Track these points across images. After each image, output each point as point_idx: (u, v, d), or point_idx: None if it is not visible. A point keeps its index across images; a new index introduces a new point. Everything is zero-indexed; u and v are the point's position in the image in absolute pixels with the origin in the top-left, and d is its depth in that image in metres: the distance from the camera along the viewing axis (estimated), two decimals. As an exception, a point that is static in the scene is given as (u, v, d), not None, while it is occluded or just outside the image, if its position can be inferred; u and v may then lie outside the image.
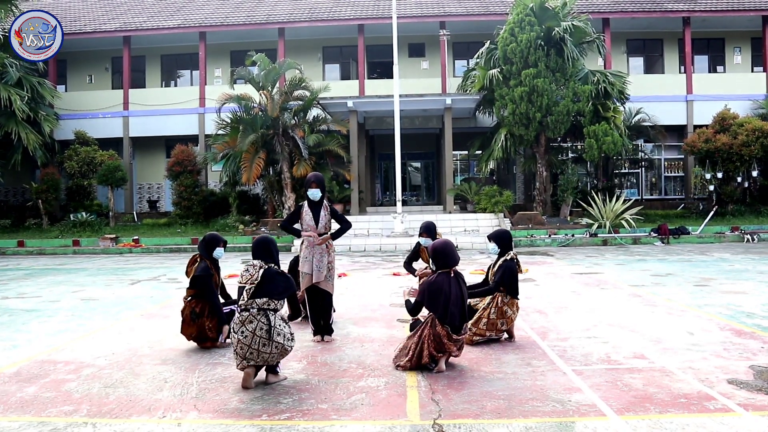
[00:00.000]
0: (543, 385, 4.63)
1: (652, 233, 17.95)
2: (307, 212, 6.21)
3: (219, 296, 6.13)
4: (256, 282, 4.72)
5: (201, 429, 3.91)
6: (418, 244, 6.99)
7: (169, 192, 24.23)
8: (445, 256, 5.04)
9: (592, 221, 18.60)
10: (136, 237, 19.31)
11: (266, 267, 4.80)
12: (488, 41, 21.39)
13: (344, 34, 24.63)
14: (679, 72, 24.56)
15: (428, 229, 6.72)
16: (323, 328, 6.25)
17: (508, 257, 5.96)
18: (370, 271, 12.41)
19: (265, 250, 4.92)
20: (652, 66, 25.69)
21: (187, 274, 6.12)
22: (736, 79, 23.79)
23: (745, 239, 17.22)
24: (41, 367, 5.39)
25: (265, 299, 4.71)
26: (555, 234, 18.17)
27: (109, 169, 21.74)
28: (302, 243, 6.22)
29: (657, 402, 4.20)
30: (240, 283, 4.85)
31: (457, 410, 4.12)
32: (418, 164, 29.36)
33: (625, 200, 19.35)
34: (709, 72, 25.31)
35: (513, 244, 6.16)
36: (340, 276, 11.08)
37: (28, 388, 4.80)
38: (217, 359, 5.58)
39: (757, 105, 22.70)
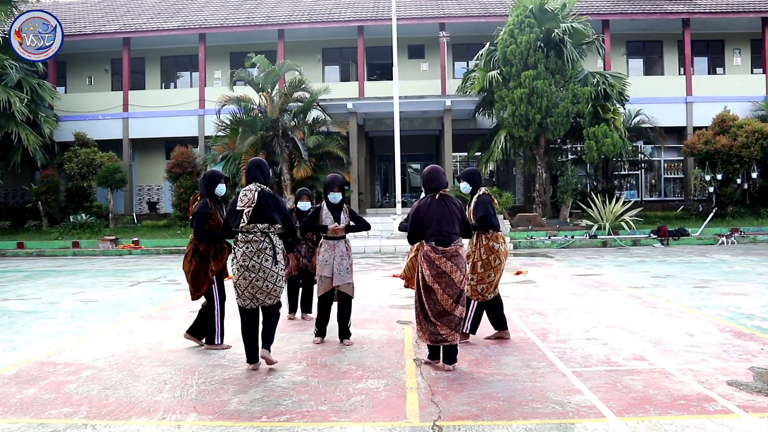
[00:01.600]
0: (543, 386, 4.63)
1: (651, 235, 17.95)
2: (327, 214, 6.10)
3: (220, 232, 5.66)
4: (253, 205, 5.06)
5: (200, 431, 3.91)
6: None
7: (168, 193, 24.22)
8: (432, 179, 5.25)
9: (591, 223, 18.61)
10: (136, 238, 19.31)
11: (260, 189, 5.13)
12: (488, 43, 21.41)
13: (344, 35, 24.65)
14: (679, 74, 24.57)
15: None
16: (342, 332, 6.20)
17: (481, 192, 5.94)
18: (370, 272, 12.41)
19: (259, 171, 5.26)
20: (652, 67, 25.71)
21: (189, 213, 6.05)
22: (736, 80, 23.81)
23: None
24: (41, 369, 5.39)
25: (266, 224, 5.11)
26: (555, 235, 18.17)
27: (108, 170, 21.75)
28: (320, 246, 6.15)
29: (657, 404, 4.20)
30: (238, 207, 5.11)
31: (457, 412, 4.12)
32: (417, 166, 29.35)
33: (624, 202, 19.37)
34: (709, 74, 25.33)
35: (482, 181, 6.15)
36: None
37: (27, 389, 4.79)
38: (216, 361, 5.58)
39: (756, 106, 22.71)
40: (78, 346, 6.29)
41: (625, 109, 21.14)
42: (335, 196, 6.12)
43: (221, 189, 5.97)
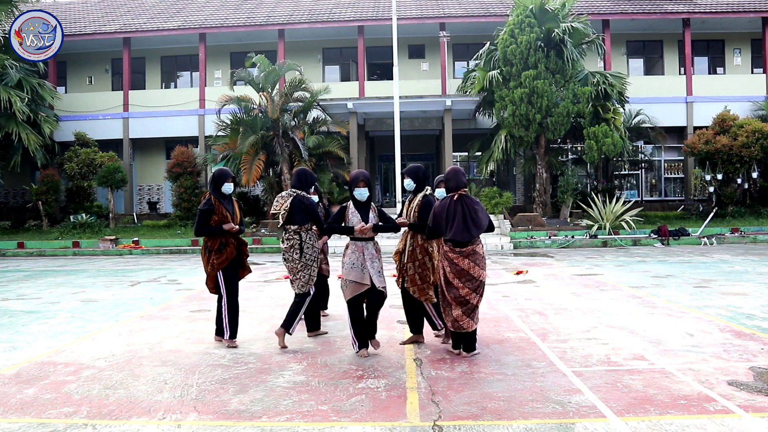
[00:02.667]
0: (543, 386, 4.63)
1: (651, 235, 17.95)
2: (353, 213, 5.61)
3: (220, 227, 6.00)
4: (286, 210, 5.84)
5: (201, 430, 3.91)
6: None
7: (169, 193, 24.23)
8: (450, 179, 5.54)
9: (592, 223, 18.60)
10: (136, 238, 19.31)
11: (293, 195, 5.89)
12: (488, 43, 21.40)
13: (344, 35, 24.66)
14: (679, 73, 24.57)
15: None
16: (369, 332, 5.78)
17: (427, 192, 5.87)
18: (370, 272, 12.39)
19: (297, 179, 5.99)
20: (652, 67, 25.70)
21: None
22: (736, 80, 23.81)
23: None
24: (41, 369, 5.39)
25: (296, 225, 5.89)
26: (555, 235, 18.17)
27: (109, 170, 21.75)
28: (346, 248, 5.71)
29: (657, 403, 4.20)
30: (274, 210, 5.93)
31: (457, 412, 4.12)
32: (418, 166, 29.37)
33: (624, 202, 19.34)
34: (709, 73, 25.32)
35: (428, 181, 6.14)
36: (339, 278, 11.07)
37: (27, 389, 4.79)
38: (216, 361, 5.58)
39: (757, 106, 22.71)
40: (78, 346, 6.29)
41: (625, 109, 21.14)
42: (362, 193, 5.63)
43: (227, 188, 6.13)
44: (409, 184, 5.88)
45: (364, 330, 5.69)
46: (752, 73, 24.68)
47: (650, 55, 25.71)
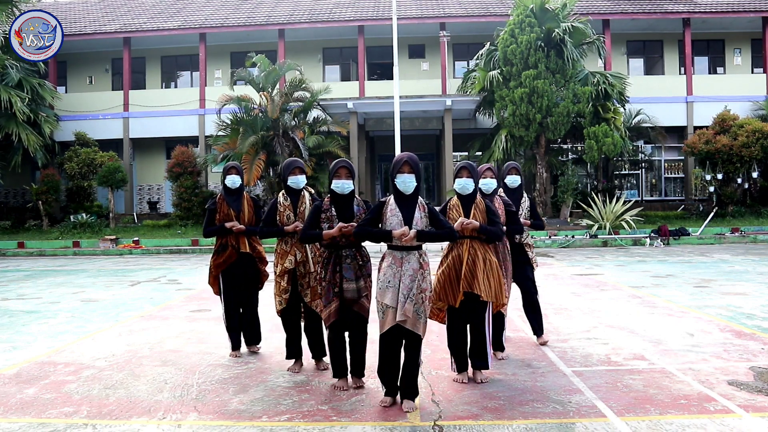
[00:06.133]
0: (543, 386, 4.63)
1: (652, 234, 17.94)
2: (393, 212, 4.14)
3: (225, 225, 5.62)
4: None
5: (201, 430, 3.91)
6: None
7: (169, 193, 24.23)
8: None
9: (592, 222, 18.60)
10: (136, 238, 19.31)
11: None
12: (488, 42, 21.40)
13: (344, 35, 24.65)
14: (679, 73, 24.56)
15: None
16: (404, 386, 4.24)
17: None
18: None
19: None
20: (652, 67, 25.70)
21: None
22: (736, 80, 23.80)
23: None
24: (41, 369, 5.39)
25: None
26: (555, 235, 18.17)
27: (109, 170, 21.74)
28: (382, 259, 4.27)
29: (657, 403, 4.21)
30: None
31: (457, 411, 4.12)
32: (418, 165, 29.37)
33: (625, 201, 19.35)
34: (709, 73, 25.31)
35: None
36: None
37: (28, 389, 4.79)
38: (217, 360, 5.58)
39: (757, 106, 22.71)
40: (78, 345, 6.29)
41: (625, 108, 21.13)
42: (406, 181, 4.16)
43: (230, 180, 5.75)
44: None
45: (394, 374, 4.26)
46: (752, 72, 24.67)
47: (650, 54, 25.70)
